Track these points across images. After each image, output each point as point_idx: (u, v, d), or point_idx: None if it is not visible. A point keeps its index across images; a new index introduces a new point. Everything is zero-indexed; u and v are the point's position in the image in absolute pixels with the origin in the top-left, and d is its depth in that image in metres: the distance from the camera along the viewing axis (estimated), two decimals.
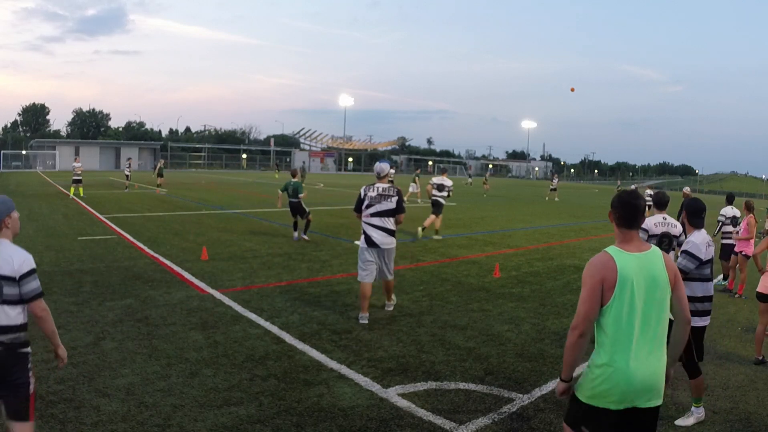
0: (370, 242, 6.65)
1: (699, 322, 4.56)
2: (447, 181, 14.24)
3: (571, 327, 2.79)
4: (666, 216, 6.40)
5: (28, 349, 3.08)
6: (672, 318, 3.00)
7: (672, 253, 6.33)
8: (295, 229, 12.82)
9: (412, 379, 4.93)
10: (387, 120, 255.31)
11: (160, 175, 30.19)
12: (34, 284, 3.09)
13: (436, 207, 13.94)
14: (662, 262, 2.84)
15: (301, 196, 12.51)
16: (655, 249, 2.87)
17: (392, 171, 6.96)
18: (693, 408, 4.48)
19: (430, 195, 14.14)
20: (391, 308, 7.16)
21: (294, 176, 13.27)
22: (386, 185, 6.85)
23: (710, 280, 4.61)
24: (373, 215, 6.67)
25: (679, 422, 4.43)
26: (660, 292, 2.79)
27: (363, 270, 6.68)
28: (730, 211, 10.15)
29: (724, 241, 10.13)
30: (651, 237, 6.35)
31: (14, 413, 3.03)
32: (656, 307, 2.77)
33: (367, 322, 6.60)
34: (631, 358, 2.71)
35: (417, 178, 28.75)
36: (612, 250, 2.81)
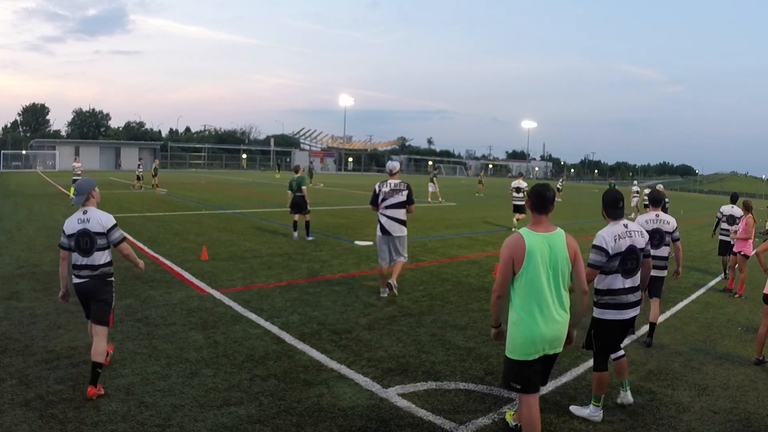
0: (384, 231, 7.63)
1: (602, 314, 4.35)
2: (522, 183, 16.41)
3: (493, 290, 3.60)
4: (659, 213, 6.51)
5: (113, 278, 4.67)
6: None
7: (666, 248, 6.39)
8: (295, 229, 12.83)
9: (412, 379, 4.93)
10: (387, 120, 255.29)
11: (153, 174, 30.34)
12: (117, 233, 4.61)
13: (518, 209, 16.17)
14: (564, 241, 3.59)
15: (303, 188, 12.66)
16: (559, 230, 3.62)
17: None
18: (591, 405, 4.36)
19: (512, 198, 16.61)
20: (394, 285, 7.64)
21: (297, 172, 13.33)
22: (397, 181, 7.73)
23: (617, 273, 4.30)
24: (387, 207, 7.61)
25: (572, 408, 4.44)
26: (561, 264, 3.54)
27: (381, 255, 7.75)
28: (728, 209, 10.38)
29: (722, 238, 10.44)
30: None
31: (98, 320, 4.56)
32: (558, 276, 3.53)
33: (386, 295, 7.65)
34: (539, 315, 3.48)
35: (435, 178, 28.67)
36: (523, 231, 3.58)
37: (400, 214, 7.61)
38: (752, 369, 5.68)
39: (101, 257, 4.55)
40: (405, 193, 7.60)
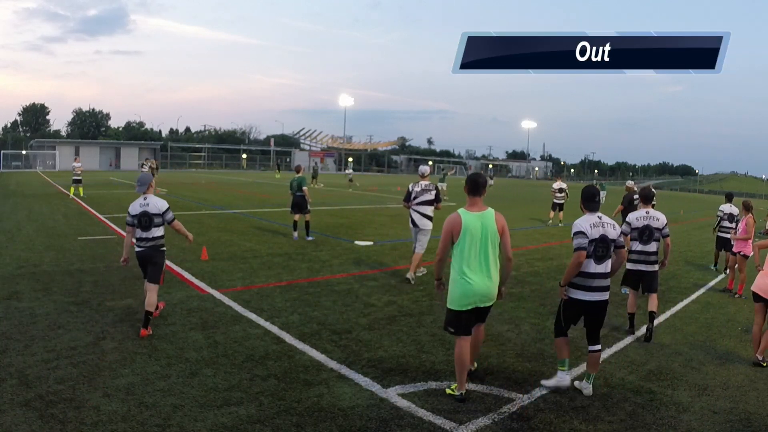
0: (414, 223, 8.89)
1: (569, 292, 4.82)
2: (563, 185, 19.12)
3: (436, 254, 4.71)
4: (649, 210, 6.69)
5: (165, 248, 6.20)
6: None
7: (655, 244, 6.57)
8: (295, 229, 12.82)
9: (412, 379, 4.93)
10: (387, 120, 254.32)
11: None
12: (170, 215, 6.13)
13: (558, 207, 18.74)
14: (493, 218, 4.55)
15: (304, 188, 12.66)
16: (490, 210, 4.58)
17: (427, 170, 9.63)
18: (558, 372, 4.86)
19: (553, 197, 19.07)
20: (423, 272, 9.15)
21: (298, 172, 13.25)
22: (427, 182, 8.95)
23: (590, 258, 4.71)
24: (417, 204, 8.81)
25: (543, 382, 4.92)
26: (490, 237, 4.50)
27: (414, 242, 9.00)
28: (727, 208, 10.83)
29: (721, 234, 10.96)
30: (633, 230, 6.59)
31: (152, 279, 6.00)
32: (487, 246, 4.49)
33: (413, 283, 8.62)
34: (470, 276, 4.45)
35: (445, 177, 28.91)
36: (461, 210, 4.57)
37: (428, 210, 8.82)
38: (752, 369, 5.68)
39: (157, 231, 6.04)
40: (433, 192, 8.81)
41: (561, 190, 18.96)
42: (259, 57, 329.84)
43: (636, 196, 14.15)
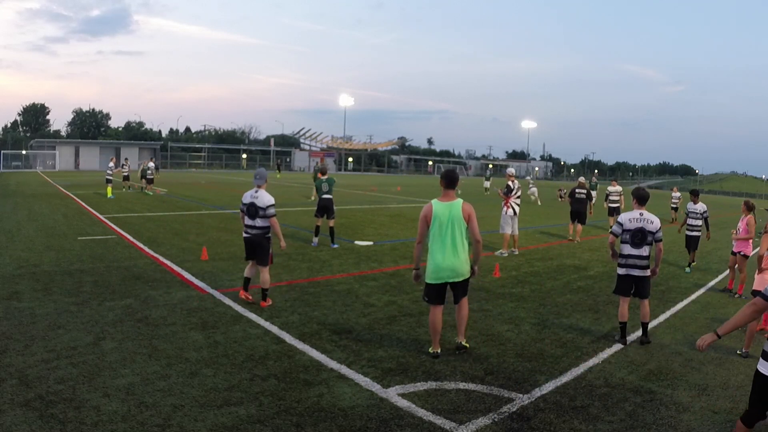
0: (515, 212, 12.22)
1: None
2: (618, 188, 19.47)
3: (416, 240, 5.56)
4: (643, 212, 6.31)
5: (270, 236, 7.08)
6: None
7: (647, 248, 6.24)
8: (317, 234, 12.13)
9: (412, 379, 4.93)
10: (387, 120, 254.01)
11: (142, 176, 27.21)
12: (271, 210, 6.97)
13: (616, 211, 18.84)
14: (460, 207, 5.36)
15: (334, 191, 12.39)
16: (459, 200, 5.40)
17: (512, 170, 13.32)
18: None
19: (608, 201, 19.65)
20: (516, 252, 12.16)
21: (324, 173, 12.49)
22: (519, 182, 12.54)
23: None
24: (516, 198, 12.37)
25: None
26: (457, 223, 5.34)
27: (505, 228, 12.15)
28: (700, 207, 11.66)
29: (690, 233, 11.78)
30: (625, 231, 6.26)
31: (260, 262, 7.02)
32: (455, 230, 5.33)
33: (506, 255, 11.81)
34: (439, 255, 5.32)
35: (491, 177, 29.30)
36: (434, 201, 5.45)
37: (519, 201, 12.48)
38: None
39: (262, 222, 6.96)
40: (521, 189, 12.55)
41: (612, 194, 19.44)
42: (260, 57, 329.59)
43: (578, 189, 14.76)
